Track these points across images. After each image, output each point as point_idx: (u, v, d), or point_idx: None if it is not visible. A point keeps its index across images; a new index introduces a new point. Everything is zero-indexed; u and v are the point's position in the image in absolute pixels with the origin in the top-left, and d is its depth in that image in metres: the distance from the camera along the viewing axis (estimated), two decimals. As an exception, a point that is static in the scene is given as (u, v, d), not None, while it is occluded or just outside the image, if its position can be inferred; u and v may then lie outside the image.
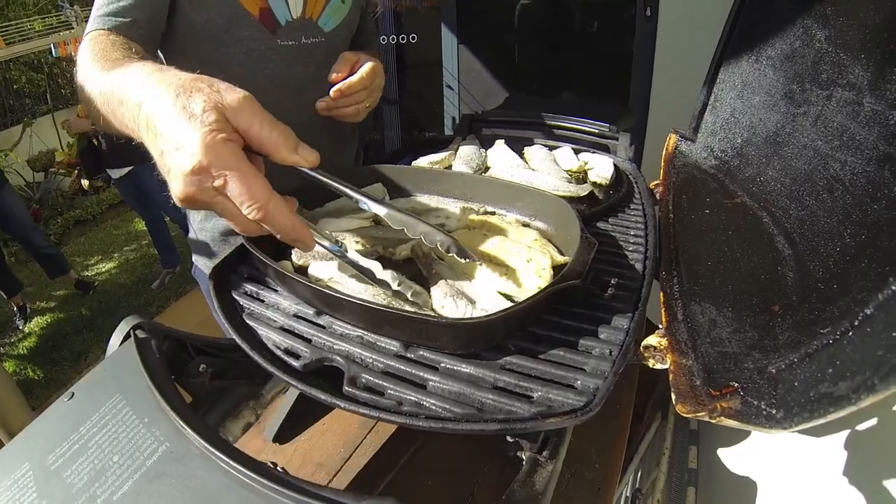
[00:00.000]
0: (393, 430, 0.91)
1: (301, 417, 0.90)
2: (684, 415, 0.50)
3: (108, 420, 0.56)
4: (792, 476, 0.88)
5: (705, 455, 1.24)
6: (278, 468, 0.51)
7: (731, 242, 0.71)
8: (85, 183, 5.44)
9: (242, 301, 0.69)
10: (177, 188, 0.53)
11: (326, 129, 1.08)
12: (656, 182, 0.92)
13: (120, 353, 0.65)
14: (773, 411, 0.44)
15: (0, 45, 3.71)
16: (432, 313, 0.59)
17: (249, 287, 0.71)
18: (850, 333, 0.42)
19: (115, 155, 3.43)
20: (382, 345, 0.59)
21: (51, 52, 4.08)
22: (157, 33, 0.92)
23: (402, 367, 0.56)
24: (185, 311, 3.70)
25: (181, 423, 0.53)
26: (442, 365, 0.56)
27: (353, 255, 0.66)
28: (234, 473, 0.48)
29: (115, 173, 3.49)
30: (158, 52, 0.97)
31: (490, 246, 0.68)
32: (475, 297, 0.63)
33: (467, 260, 0.62)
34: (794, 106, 0.69)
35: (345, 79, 0.93)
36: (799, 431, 0.45)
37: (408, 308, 0.61)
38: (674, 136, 0.93)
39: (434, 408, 0.51)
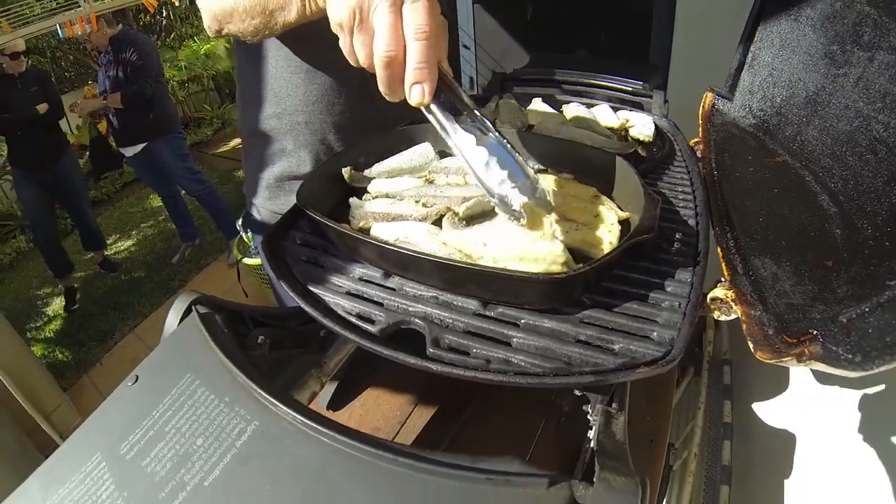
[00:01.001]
0: (448, 392, 0.93)
1: (354, 383, 0.92)
2: (766, 361, 0.52)
3: (184, 402, 0.55)
4: (826, 429, 0.93)
5: (740, 410, 1.29)
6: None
7: (777, 200, 0.73)
8: None
9: (302, 268, 0.68)
10: None
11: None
12: (696, 140, 0.93)
13: (182, 330, 0.64)
14: (852, 356, 0.47)
15: (7, 29, 3.50)
16: (515, 271, 0.59)
17: (307, 252, 0.71)
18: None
19: (127, 133, 3.33)
20: (460, 304, 0.60)
21: (57, 34, 3.89)
22: None
23: (483, 325, 0.57)
24: (207, 283, 3.66)
25: (270, 399, 0.52)
26: (523, 321, 0.57)
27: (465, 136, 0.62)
28: (340, 447, 0.48)
29: (129, 151, 3.38)
30: None
31: (555, 201, 0.69)
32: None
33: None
34: (835, 67, 0.70)
35: None
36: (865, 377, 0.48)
37: (486, 264, 0.61)
38: (710, 95, 0.94)
39: (523, 363, 0.53)
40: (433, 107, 0.60)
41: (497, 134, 0.63)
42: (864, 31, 0.65)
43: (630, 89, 1.11)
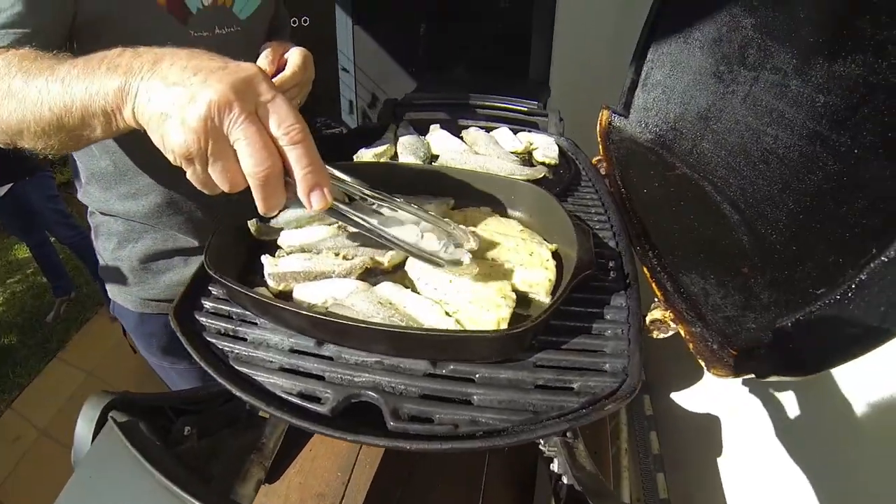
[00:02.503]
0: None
1: (285, 451, 0.84)
2: (723, 378, 0.55)
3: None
4: (747, 406, 1.00)
5: (659, 401, 1.37)
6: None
7: (685, 212, 0.78)
8: None
9: (221, 344, 0.61)
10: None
11: None
12: (598, 157, 0.97)
13: (102, 447, 0.54)
14: (797, 361, 0.50)
15: None
16: (463, 328, 0.57)
17: (223, 325, 0.64)
18: (851, 295, 0.49)
19: None
20: (407, 366, 0.56)
21: None
22: (62, 42, 0.77)
23: (438, 387, 0.54)
24: (90, 341, 3.23)
25: None
26: (478, 375, 0.55)
27: (371, 224, 0.61)
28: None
29: None
30: None
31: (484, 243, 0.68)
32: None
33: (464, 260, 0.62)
34: (724, 85, 0.76)
35: (274, 74, 0.83)
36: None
37: (430, 325, 0.58)
38: (606, 112, 0.98)
39: (492, 421, 0.51)
40: (336, 205, 0.57)
41: (402, 202, 0.64)
42: (749, 53, 0.71)
43: (525, 109, 1.13)
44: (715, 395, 1.15)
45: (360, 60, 2.19)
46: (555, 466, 0.63)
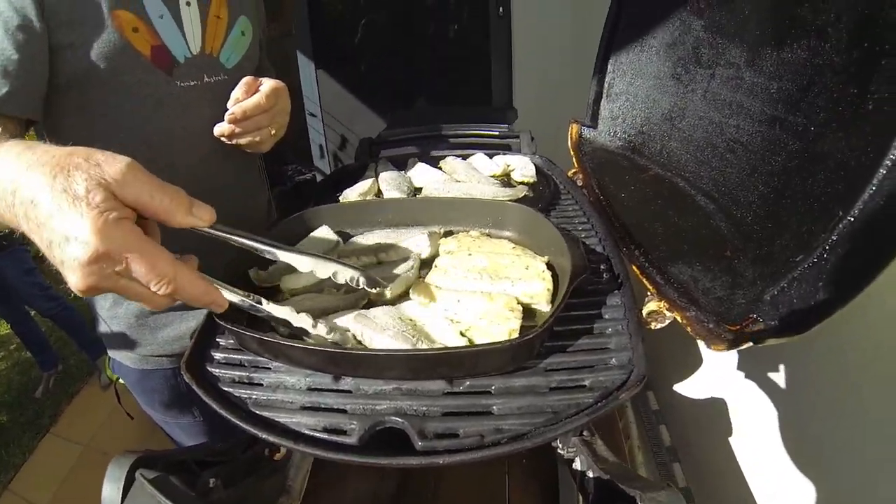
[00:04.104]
0: (402, 473, 0.89)
1: (314, 492, 0.84)
2: (724, 352, 0.58)
3: None
4: (752, 384, 1.03)
5: (663, 395, 1.39)
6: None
7: (663, 209, 0.82)
8: None
9: (238, 392, 0.62)
10: (75, 280, 0.49)
11: (236, 178, 1.03)
12: (573, 170, 1.01)
13: None
14: (788, 324, 0.53)
15: None
16: (482, 345, 0.60)
17: (236, 374, 0.65)
18: (826, 256, 0.52)
19: None
20: (426, 389, 0.58)
21: None
22: (39, 100, 0.79)
23: (459, 403, 0.56)
24: (84, 411, 3.14)
25: None
26: (494, 387, 0.57)
27: (266, 306, 0.63)
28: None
29: None
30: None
31: (480, 264, 0.71)
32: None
33: (377, 289, 0.65)
34: (683, 86, 0.81)
35: None
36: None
37: (445, 344, 0.61)
38: (576, 126, 1.03)
39: (514, 427, 0.53)
40: (231, 300, 0.60)
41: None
42: (702, 53, 0.76)
43: (497, 133, 1.17)
44: (716, 379, 1.18)
45: (325, 103, 2.22)
46: (577, 465, 0.65)
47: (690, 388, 1.29)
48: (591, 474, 0.59)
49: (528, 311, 0.66)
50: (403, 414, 0.56)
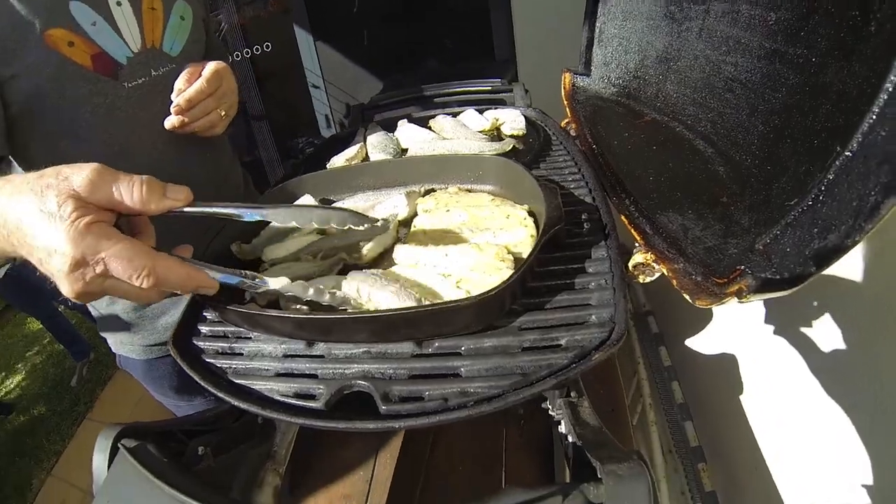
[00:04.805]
0: (401, 435, 0.89)
1: (305, 460, 0.86)
2: (706, 307, 0.54)
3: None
4: (761, 340, 0.99)
5: (675, 351, 1.35)
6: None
7: (658, 156, 0.77)
8: None
9: (220, 363, 0.63)
10: (65, 289, 0.52)
11: (203, 163, 1.03)
12: (566, 120, 0.96)
13: (116, 474, 0.57)
14: (780, 277, 0.49)
15: None
16: (443, 302, 0.58)
17: (220, 345, 0.65)
18: (822, 198, 0.47)
19: None
20: (394, 351, 0.57)
21: None
22: (2, 137, 0.81)
23: (426, 365, 0.55)
24: (117, 397, 3.35)
25: None
26: (463, 348, 0.55)
27: (260, 282, 0.61)
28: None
29: None
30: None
31: (459, 219, 0.68)
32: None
33: (366, 225, 0.62)
34: (677, 24, 0.75)
35: None
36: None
37: (410, 304, 0.59)
38: (568, 75, 0.98)
39: (480, 389, 0.51)
40: (221, 281, 0.59)
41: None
42: (696, -13, 0.70)
43: (489, 88, 1.13)
44: (729, 335, 1.13)
45: (327, 74, 2.21)
46: (561, 428, 0.63)
47: (703, 343, 1.25)
48: (570, 439, 0.57)
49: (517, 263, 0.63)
50: (371, 377, 0.55)
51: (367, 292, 0.60)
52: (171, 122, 0.88)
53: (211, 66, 0.87)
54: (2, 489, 2.99)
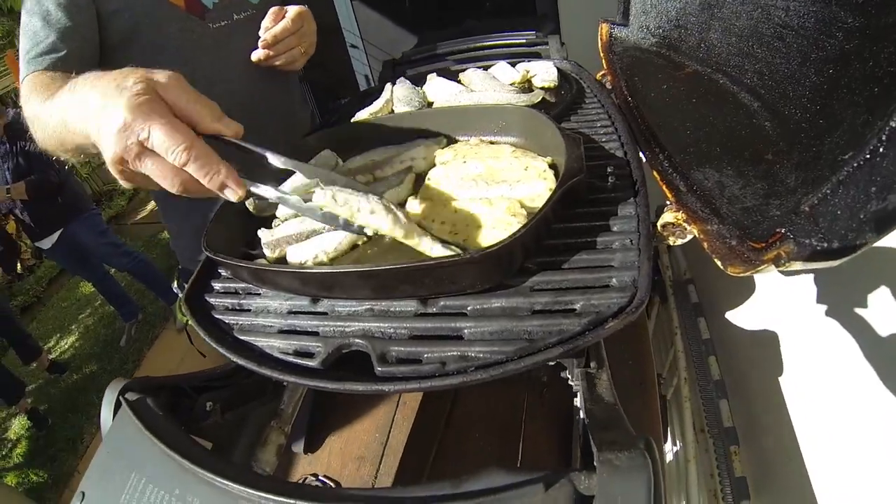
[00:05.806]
0: (420, 399, 0.87)
1: (323, 418, 0.85)
2: (739, 275, 0.48)
3: (134, 509, 0.48)
4: (805, 319, 0.91)
5: (715, 324, 1.27)
6: (320, 478, 0.46)
7: (698, 109, 0.70)
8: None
9: (228, 319, 0.62)
10: (109, 148, 0.56)
11: (274, 99, 1.13)
12: (602, 72, 0.90)
13: (118, 426, 0.57)
14: (827, 244, 0.43)
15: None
16: (447, 257, 0.54)
17: (230, 301, 0.65)
18: (882, 149, 0.41)
19: (39, 223, 3.15)
20: (398, 309, 0.54)
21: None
22: (94, 60, 0.92)
23: (429, 325, 0.52)
24: (162, 354, 3.48)
25: (220, 479, 0.46)
26: (469, 308, 0.52)
27: (294, 199, 0.60)
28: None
29: (46, 243, 3.19)
30: None
31: (476, 170, 0.65)
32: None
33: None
34: (723, -35, 0.68)
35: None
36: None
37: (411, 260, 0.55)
38: (605, 26, 0.91)
39: (482, 355, 0.47)
40: (252, 189, 0.59)
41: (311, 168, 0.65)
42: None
43: (524, 41, 1.08)
44: (771, 309, 1.05)
45: (365, 34, 2.18)
46: (577, 401, 0.59)
47: (744, 316, 1.17)
48: (581, 415, 0.53)
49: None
50: (370, 336, 0.52)
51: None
52: (257, 54, 0.98)
53: (294, 9, 0.97)
54: (55, 442, 3.18)
